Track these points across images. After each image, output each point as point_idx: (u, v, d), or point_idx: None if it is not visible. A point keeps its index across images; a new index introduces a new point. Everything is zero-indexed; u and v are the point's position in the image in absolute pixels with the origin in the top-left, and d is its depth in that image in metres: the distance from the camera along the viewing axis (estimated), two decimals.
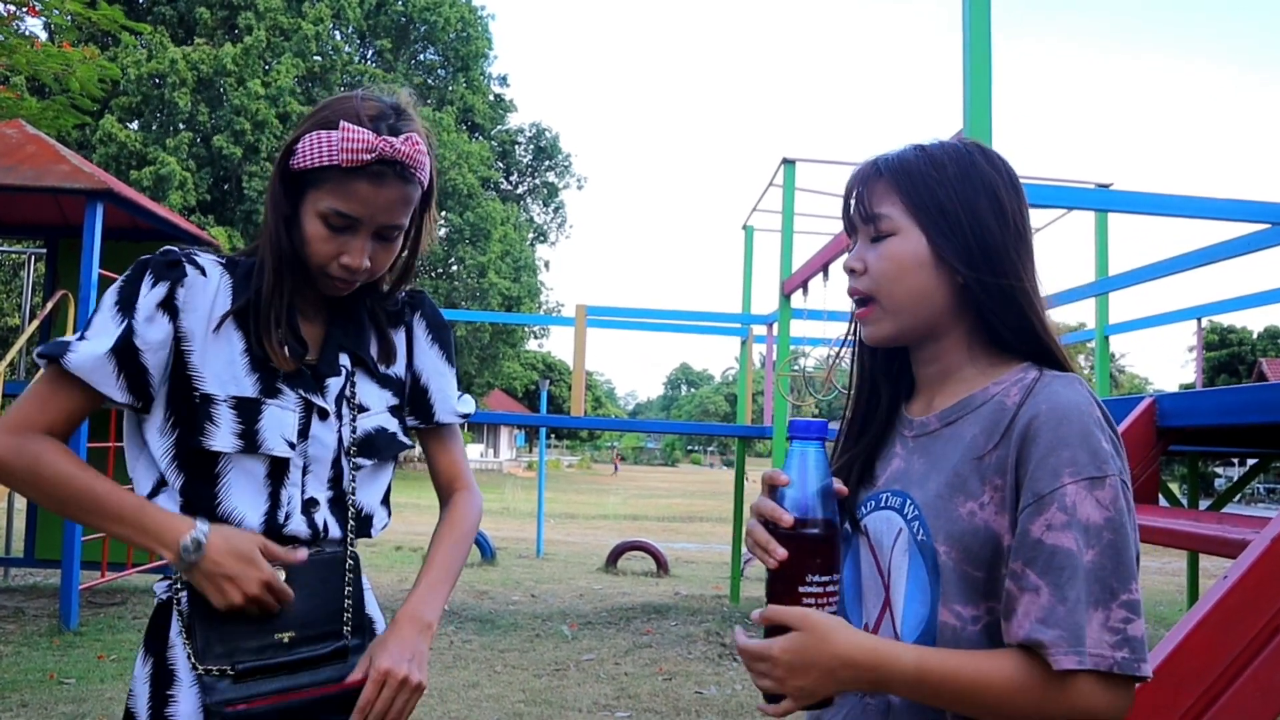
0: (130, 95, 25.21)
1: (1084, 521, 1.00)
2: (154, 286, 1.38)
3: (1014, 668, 1.01)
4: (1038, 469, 1.03)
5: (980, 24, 3.27)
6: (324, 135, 1.36)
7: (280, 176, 1.42)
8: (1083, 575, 0.99)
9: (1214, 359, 39.81)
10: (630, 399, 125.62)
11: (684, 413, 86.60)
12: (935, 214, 1.14)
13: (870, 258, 1.18)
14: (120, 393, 1.36)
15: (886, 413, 1.27)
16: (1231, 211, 4.37)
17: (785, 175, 7.32)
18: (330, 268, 1.41)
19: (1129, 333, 8.09)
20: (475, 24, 32.40)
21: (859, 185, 1.21)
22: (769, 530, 1.08)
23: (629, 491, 34.03)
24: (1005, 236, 1.14)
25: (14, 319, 22.93)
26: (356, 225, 1.39)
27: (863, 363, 1.30)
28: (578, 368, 8.90)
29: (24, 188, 6.96)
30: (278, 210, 1.42)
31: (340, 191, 1.36)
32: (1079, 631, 0.98)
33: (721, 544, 15.28)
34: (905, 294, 1.16)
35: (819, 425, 1.09)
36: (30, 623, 6.82)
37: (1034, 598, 1.00)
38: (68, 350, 1.34)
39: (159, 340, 1.37)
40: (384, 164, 1.36)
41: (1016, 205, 1.17)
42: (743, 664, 1.32)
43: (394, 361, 1.56)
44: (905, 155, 1.18)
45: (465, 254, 29.08)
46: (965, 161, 1.16)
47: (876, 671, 1.03)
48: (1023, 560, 1.02)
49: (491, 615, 7.83)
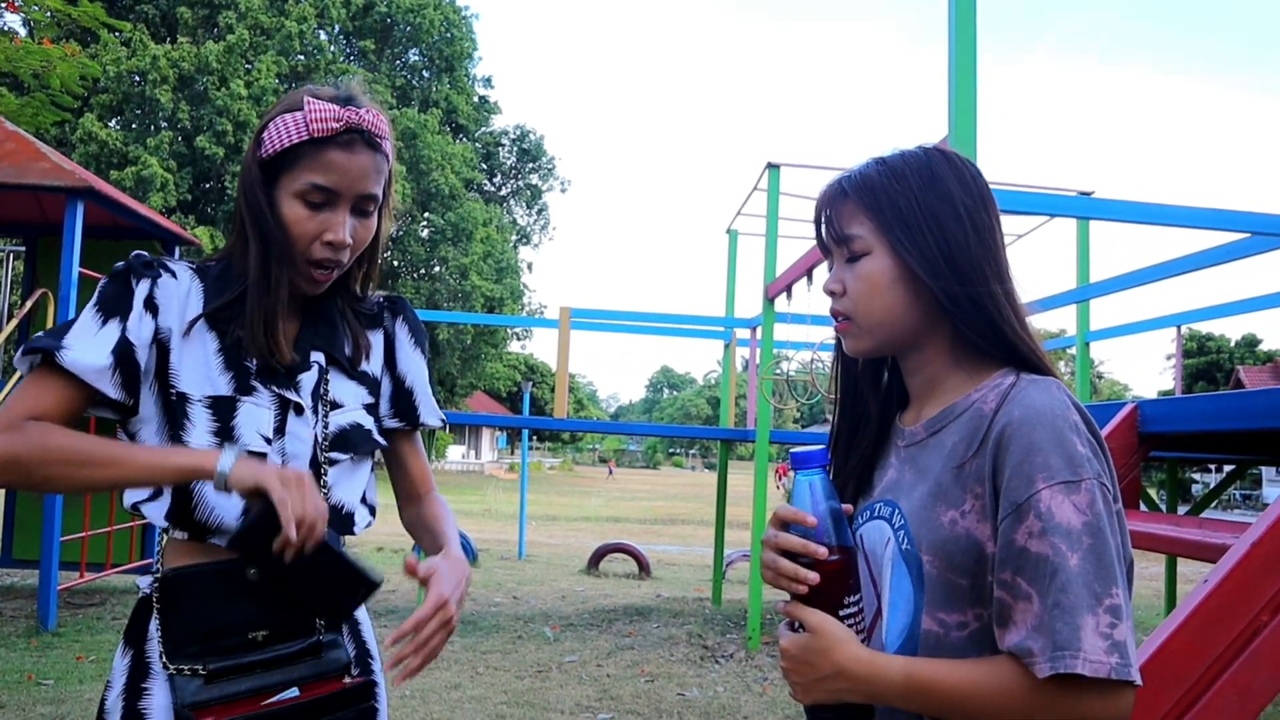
0: (111, 93, 25.04)
1: (1063, 526, 1.00)
2: (139, 284, 1.40)
3: (1004, 675, 1.02)
4: (1013, 476, 1.04)
5: (965, 31, 3.29)
6: (289, 116, 1.40)
7: (254, 171, 1.43)
8: (1064, 581, 0.99)
9: (1192, 366, 40.17)
10: (612, 401, 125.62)
11: (666, 415, 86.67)
12: (899, 228, 1.15)
13: (847, 278, 1.19)
14: (115, 390, 1.36)
15: (878, 423, 1.27)
16: (1211, 220, 4.41)
17: (770, 180, 7.34)
18: (313, 250, 1.42)
19: (1109, 339, 8.14)
20: (460, 25, 32.34)
21: (827, 207, 1.22)
22: (791, 559, 1.10)
23: (611, 494, 34.01)
24: (970, 243, 1.14)
25: None
26: (335, 199, 1.41)
27: (847, 373, 1.30)
28: (561, 369, 8.89)
29: (3, 185, 6.90)
30: (256, 203, 1.42)
31: (314, 165, 1.39)
32: (1064, 638, 0.98)
33: (703, 546, 15.30)
34: (881, 311, 1.17)
35: (819, 454, 1.11)
36: (8, 623, 6.76)
37: (1027, 605, 1.01)
38: (60, 348, 1.33)
39: (146, 338, 1.39)
40: (352, 132, 1.39)
41: (981, 209, 1.17)
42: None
43: (368, 361, 1.56)
44: (867, 172, 1.19)
45: (447, 254, 29.00)
46: (925, 171, 1.17)
47: (869, 684, 1.06)
48: (1011, 569, 1.03)
49: (473, 617, 7.81)
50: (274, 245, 1.42)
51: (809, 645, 1.08)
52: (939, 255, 1.13)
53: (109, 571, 7.98)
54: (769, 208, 7.37)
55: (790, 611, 1.11)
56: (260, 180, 1.42)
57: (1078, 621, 0.98)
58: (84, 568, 7.55)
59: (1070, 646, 0.97)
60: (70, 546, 7.39)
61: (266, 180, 1.42)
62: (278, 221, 1.41)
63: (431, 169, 27.40)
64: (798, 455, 1.11)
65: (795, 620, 1.11)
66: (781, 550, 1.10)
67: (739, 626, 7.64)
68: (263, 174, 1.42)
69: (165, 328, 1.40)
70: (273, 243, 1.42)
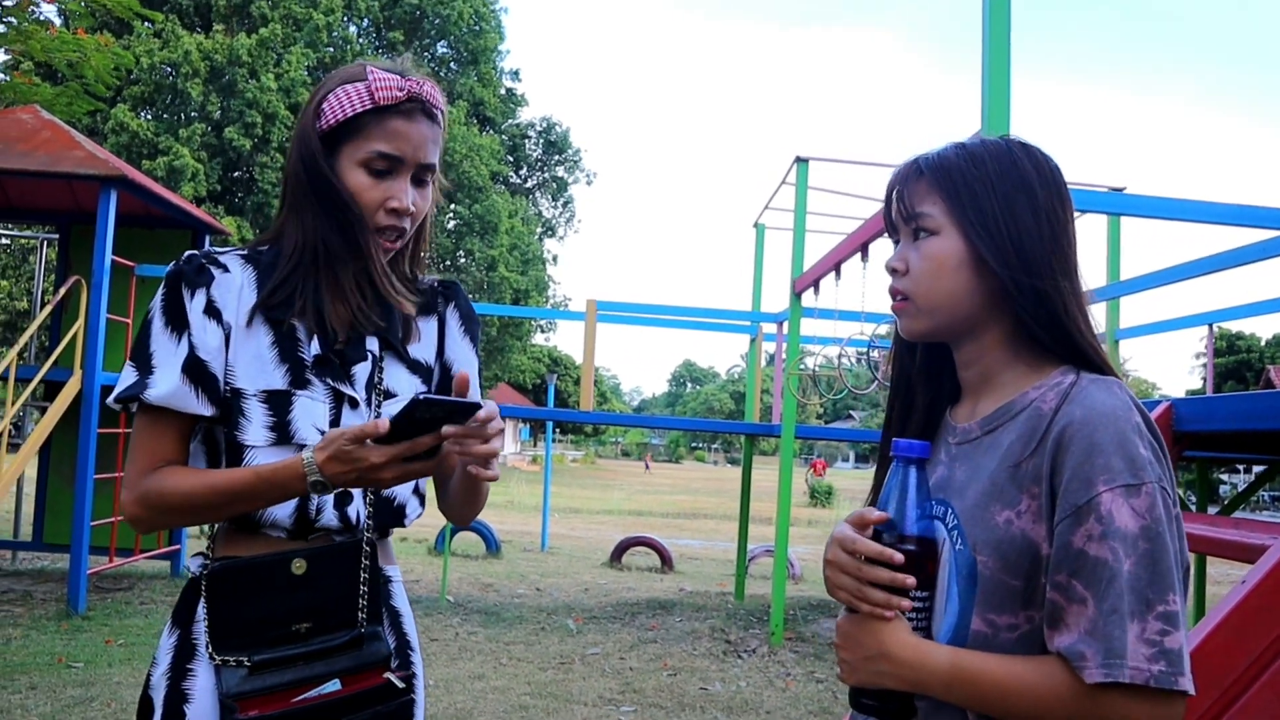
0: (144, 84, 25.23)
1: (1121, 530, 0.98)
2: (193, 296, 1.40)
3: (1052, 676, 1.00)
4: (1073, 478, 1.01)
5: (999, 23, 3.27)
6: (350, 87, 1.41)
7: (314, 142, 1.42)
8: (1120, 587, 0.97)
9: (1221, 365, 39.71)
10: (635, 395, 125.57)
11: (689, 409, 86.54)
12: (973, 213, 1.13)
13: (912, 257, 1.17)
14: (205, 406, 1.39)
15: (925, 416, 1.25)
16: (1243, 217, 4.36)
17: (798, 174, 7.31)
18: (378, 218, 1.43)
19: (1138, 337, 8.06)
20: (488, 17, 32.36)
21: (900, 184, 1.19)
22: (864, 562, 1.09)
23: (633, 487, 34.05)
24: (1042, 236, 1.12)
25: (23, 303, 22.99)
26: (398, 166, 1.42)
27: (900, 362, 1.28)
28: (587, 362, 8.89)
29: (39, 173, 6.99)
30: (320, 173, 1.42)
31: (379, 132, 1.41)
32: (1114, 644, 0.96)
33: (726, 541, 15.29)
34: (942, 293, 1.14)
35: (920, 445, 1.11)
36: (39, 607, 6.85)
37: (1081, 609, 0.99)
38: (146, 387, 1.37)
39: (216, 345, 1.40)
40: (414, 101, 1.41)
41: (1057, 203, 1.15)
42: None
43: (419, 345, 1.55)
44: (946, 154, 1.17)
45: (474, 246, 29.09)
46: (1005, 160, 1.15)
47: (913, 669, 1.05)
48: (1067, 571, 1.01)
49: (497, 608, 7.85)
50: (341, 213, 1.43)
51: (859, 623, 1.08)
52: (1009, 243, 1.11)
53: (138, 557, 8.08)
54: (797, 202, 7.34)
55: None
56: (321, 152, 1.43)
57: (1125, 627, 0.96)
58: (113, 552, 7.64)
59: (1117, 653, 0.96)
60: (100, 531, 7.49)
61: (326, 152, 1.43)
62: (343, 190, 1.42)
63: (459, 160, 27.49)
64: (900, 444, 1.11)
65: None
66: (848, 549, 1.09)
67: (762, 622, 7.64)
68: (323, 145, 1.43)
69: (227, 324, 1.42)
70: (340, 211, 1.43)
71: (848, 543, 1.08)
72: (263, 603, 1.38)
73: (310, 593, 1.39)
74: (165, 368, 1.38)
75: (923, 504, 1.09)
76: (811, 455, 67.20)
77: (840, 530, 1.10)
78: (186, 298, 1.40)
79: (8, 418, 6.60)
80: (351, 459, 1.26)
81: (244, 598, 1.38)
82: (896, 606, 1.06)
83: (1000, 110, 3.24)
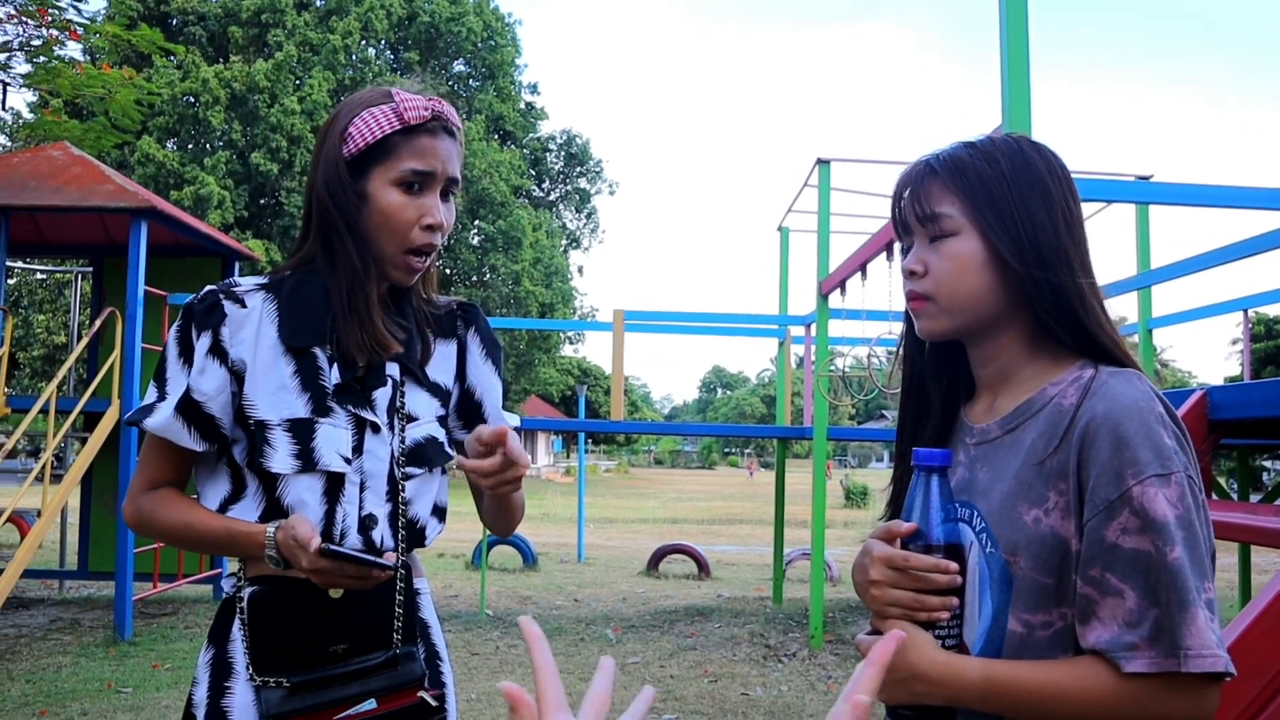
0: (167, 116, 25.59)
1: (1158, 522, 0.98)
2: (199, 336, 1.44)
3: (1089, 674, 1.00)
4: (1102, 472, 1.01)
5: (1017, 17, 3.26)
6: (377, 110, 1.45)
7: (341, 168, 1.45)
8: (1168, 578, 0.97)
9: (1260, 350, 39.05)
10: (666, 403, 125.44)
11: (720, 415, 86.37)
12: (991, 212, 1.13)
13: (931, 259, 1.16)
14: (196, 443, 1.45)
15: (940, 416, 1.25)
16: (1273, 201, 4.31)
17: (820, 175, 7.30)
18: (413, 236, 1.46)
19: (1172, 326, 7.98)
20: (502, 32, 32.51)
21: (913, 184, 1.19)
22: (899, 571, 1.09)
23: (667, 495, 34.02)
24: (1058, 231, 1.12)
25: (60, 337, 23.34)
26: (429, 181, 1.46)
27: (910, 361, 1.27)
28: (616, 372, 8.91)
29: (71, 208, 7.11)
30: (346, 200, 1.45)
31: (409, 151, 1.45)
32: (1168, 634, 0.96)
33: (762, 545, 15.25)
34: (967, 294, 1.14)
35: (942, 454, 1.10)
36: (86, 634, 6.95)
37: (1117, 601, 0.99)
38: (150, 414, 1.44)
39: (216, 387, 1.44)
40: (437, 119, 1.46)
41: (1068, 199, 1.15)
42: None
43: (435, 366, 1.58)
44: (957, 153, 1.17)
45: (498, 262, 29.21)
46: (1017, 157, 1.15)
47: (946, 686, 1.05)
48: (1101, 565, 1.00)
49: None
50: (368, 240, 1.46)
51: None
52: (1027, 241, 1.12)
53: (181, 582, 8.17)
54: (820, 203, 7.33)
55: (874, 622, 1.11)
56: (349, 177, 1.46)
57: (1188, 616, 0.96)
58: (156, 578, 7.74)
59: (1173, 643, 0.96)
60: (143, 558, 7.59)
61: (354, 176, 1.46)
62: (376, 212, 1.45)
63: (479, 176, 27.63)
64: (921, 453, 1.11)
65: (874, 628, 1.11)
66: (897, 566, 1.08)
67: (801, 625, 7.61)
68: (351, 170, 1.46)
69: (239, 361, 1.45)
70: (366, 238, 1.46)
71: (896, 560, 1.08)
72: (302, 626, 1.42)
73: (347, 615, 1.43)
74: (169, 399, 1.44)
75: (946, 510, 1.09)
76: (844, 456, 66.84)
77: (880, 549, 1.10)
78: (194, 336, 1.45)
79: (49, 450, 6.71)
80: (292, 553, 1.35)
81: (283, 621, 1.42)
82: (950, 607, 1.07)
83: (1021, 106, 3.22)
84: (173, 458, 1.48)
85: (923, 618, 1.07)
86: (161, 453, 1.48)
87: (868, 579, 1.10)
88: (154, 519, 1.48)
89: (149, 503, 1.49)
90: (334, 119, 1.49)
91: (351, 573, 1.34)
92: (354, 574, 1.34)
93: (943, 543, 1.08)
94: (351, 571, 1.34)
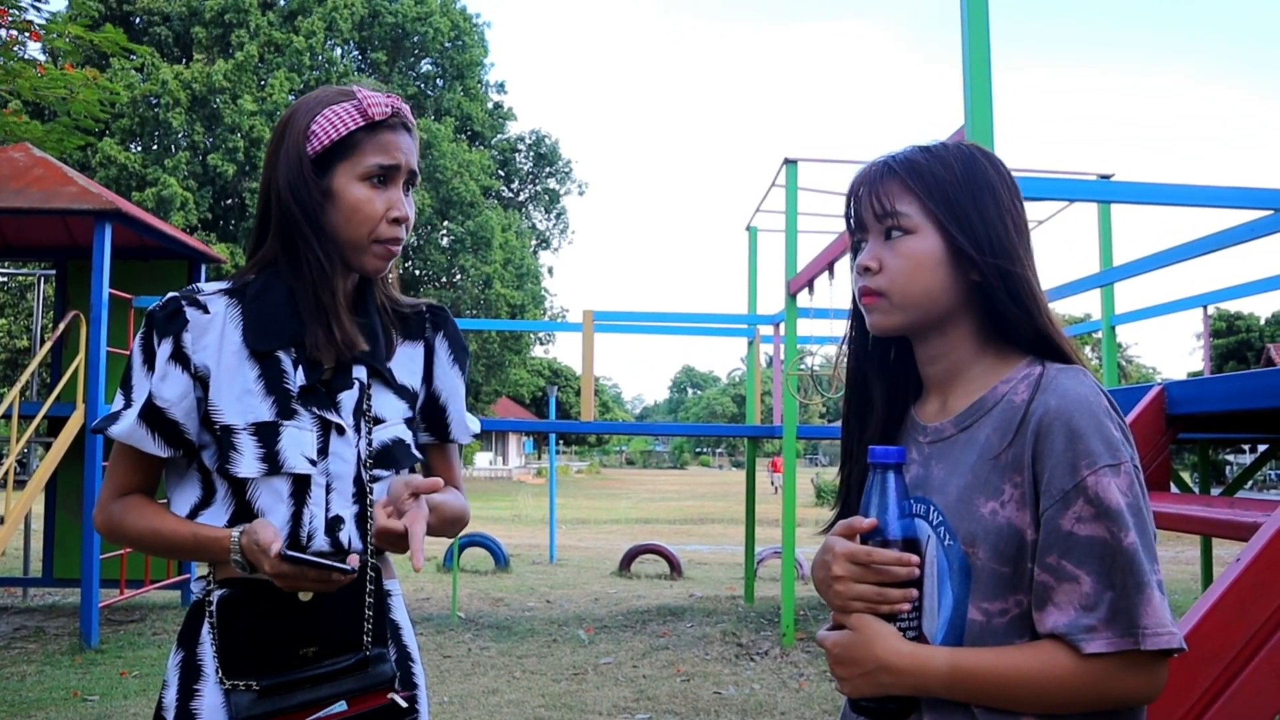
0: (129, 117, 25.28)
1: (1112, 509, 1.03)
2: (161, 343, 1.45)
3: (1048, 657, 1.05)
4: (1057, 464, 1.06)
5: (978, 19, 3.30)
6: (340, 108, 1.47)
7: (305, 165, 1.47)
8: (1125, 562, 1.02)
9: (1222, 346, 39.69)
10: (637, 403, 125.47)
11: (691, 415, 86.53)
12: (948, 211, 1.17)
13: (886, 256, 1.19)
14: (161, 449, 1.46)
15: (883, 411, 1.28)
16: (1234, 199, 4.38)
17: (788, 175, 7.35)
18: (380, 229, 1.48)
19: (1135, 322, 8.09)
20: (470, 32, 32.35)
21: (871, 183, 1.22)
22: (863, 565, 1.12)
23: (639, 495, 34.04)
24: (1009, 232, 1.18)
25: (23, 341, 23.02)
26: (394, 174, 1.49)
27: (855, 357, 1.30)
28: (586, 373, 8.92)
29: (33, 210, 7.01)
30: (309, 199, 1.46)
31: (375, 147, 1.48)
32: (1118, 615, 1.01)
33: (734, 545, 15.30)
34: (921, 291, 1.18)
35: (897, 451, 1.14)
36: (51, 641, 6.87)
37: (1074, 587, 1.04)
38: (115, 421, 1.46)
39: (178, 394, 1.44)
40: (397, 115, 1.50)
41: (1016, 204, 1.21)
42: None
43: (400, 365, 1.59)
44: (914, 155, 1.21)
45: (468, 263, 29.07)
46: (971, 162, 1.20)
47: (913, 676, 1.08)
48: (1058, 552, 1.05)
49: (508, 622, 7.86)
50: (333, 237, 1.47)
51: (850, 641, 1.11)
52: (983, 238, 1.16)
53: (148, 588, 8.09)
54: (788, 203, 7.38)
55: (835, 616, 1.14)
56: (313, 175, 1.47)
57: (1144, 597, 1.02)
58: (123, 585, 7.65)
59: (1141, 623, 1.01)
60: (110, 564, 7.51)
61: (317, 174, 1.47)
62: (343, 207, 1.47)
63: (450, 177, 27.48)
64: (877, 451, 1.14)
65: (836, 621, 1.14)
66: (860, 561, 1.11)
67: (773, 623, 7.65)
68: (315, 167, 1.47)
69: (202, 366, 1.45)
70: (331, 235, 1.47)
71: (859, 556, 1.10)
72: (271, 629, 1.42)
73: (316, 617, 1.43)
74: (134, 406, 1.45)
75: (903, 505, 1.13)
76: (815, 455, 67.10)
77: (842, 545, 1.12)
78: (156, 343, 1.46)
79: (13, 455, 6.62)
80: (255, 558, 1.37)
81: (253, 624, 1.42)
82: (911, 599, 1.10)
83: (983, 101, 3.26)
84: (140, 464, 1.49)
85: (886, 610, 1.10)
86: (128, 460, 1.49)
87: (830, 575, 1.13)
88: (123, 526, 1.49)
89: (118, 510, 1.50)
90: (291, 118, 1.50)
91: (312, 576, 1.35)
92: (315, 578, 1.35)
93: (900, 538, 1.11)
94: (312, 575, 1.35)
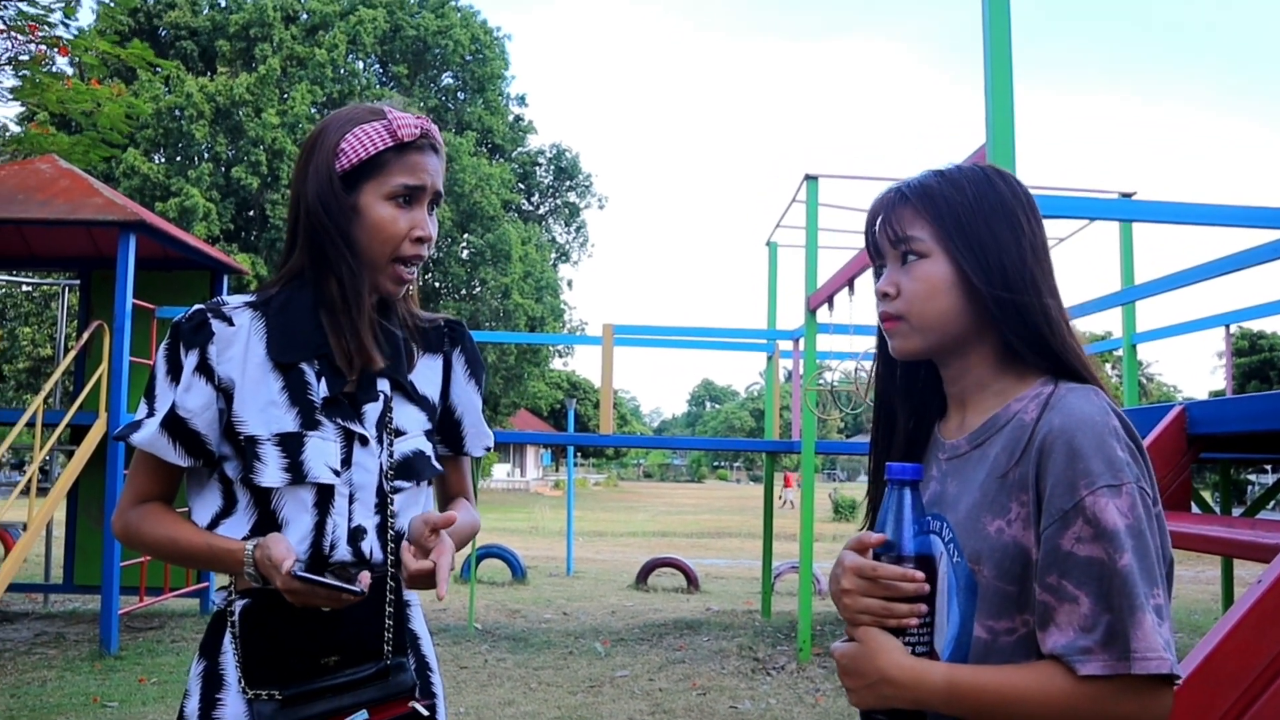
0: (153, 129, 25.54)
1: (1109, 530, 1.03)
2: (187, 354, 1.47)
3: (1046, 678, 1.04)
4: (1057, 483, 1.07)
5: (1000, 37, 3.30)
6: (369, 127, 1.49)
7: (334, 181, 1.48)
8: (1119, 584, 1.02)
9: (1244, 365, 39.30)
10: (655, 416, 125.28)
11: (709, 429, 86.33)
12: (958, 236, 1.18)
13: (903, 281, 1.22)
14: (181, 458, 1.48)
15: (909, 433, 1.30)
16: (1254, 219, 4.36)
17: (808, 191, 7.36)
18: (404, 248, 1.50)
19: (1157, 341, 8.04)
20: (491, 45, 32.51)
21: (885, 210, 1.25)
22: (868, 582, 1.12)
23: (657, 508, 33.98)
24: (1023, 254, 1.18)
25: (46, 350, 23.23)
26: (419, 195, 1.51)
27: (881, 380, 1.33)
28: (605, 386, 8.93)
29: (59, 221, 7.10)
30: (338, 214, 1.48)
31: (403, 167, 1.49)
32: (1120, 638, 1.01)
33: (751, 559, 15.25)
34: (936, 314, 1.19)
35: (913, 468, 1.14)
36: (72, 648, 6.92)
37: (1073, 607, 1.04)
38: (137, 429, 1.48)
39: (201, 404, 1.46)
40: (426, 137, 1.52)
41: (1032, 224, 1.21)
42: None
43: (420, 373, 1.61)
44: (927, 181, 1.23)
45: (488, 275, 29.18)
46: (984, 185, 1.21)
47: (913, 690, 1.09)
48: (1057, 573, 1.05)
49: (524, 634, 7.86)
50: (359, 251, 1.49)
51: (856, 653, 1.12)
52: (993, 264, 1.17)
53: (167, 595, 8.14)
54: (808, 219, 7.39)
55: (847, 630, 1.15)
56: (341, 191, 1.49)
57: (1135, 620, 1.01)
58: (143, 592, 7.71)
59: (1124, 647, 1.00)
60: (130, 572, 7.56)
61: (345, 190, 1.49)
62: (368, 224, 1.48)
63: (470, 190, 27.63)
64: (893, 468, 1.15)
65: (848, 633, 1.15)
66: (867, 576, 1.12)
67: (789, 638, 7.62)
68: (343, 184, 1.49)
69: (226, 378, 1.47)
70: (357, 249, 1.49)
71: (866, 570, 1.11)
72: (292, 638, 1.44)
73: (338, 627, 1.45)
74: (156, 415, 1.47)
75: (919, 522, 1.13)
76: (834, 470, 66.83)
77: (851, 559, 1.14)
78: (182, 354, 1.48)
79: (35, 463, 6.69)
80: (268, 572, 1.39)
81: (275, 634, 1.44)
82: (919, 614, 1.10)
83: (1004, 121, 3.26)
84: (160, 472, 1.51)
85: (892, 624, 1.11)
86: (149, 468, 1.51)
87: (840, 588, 1.15)
88: (140, 533, 1.51)
89: (136, 517, 1.51)
90: (322, 133, 1.52)
91: (323, 595, 1.38)
92: (325, 596, 1.38)
93: (914, 554, 1.12)
94: (322, 594, 1.37)
